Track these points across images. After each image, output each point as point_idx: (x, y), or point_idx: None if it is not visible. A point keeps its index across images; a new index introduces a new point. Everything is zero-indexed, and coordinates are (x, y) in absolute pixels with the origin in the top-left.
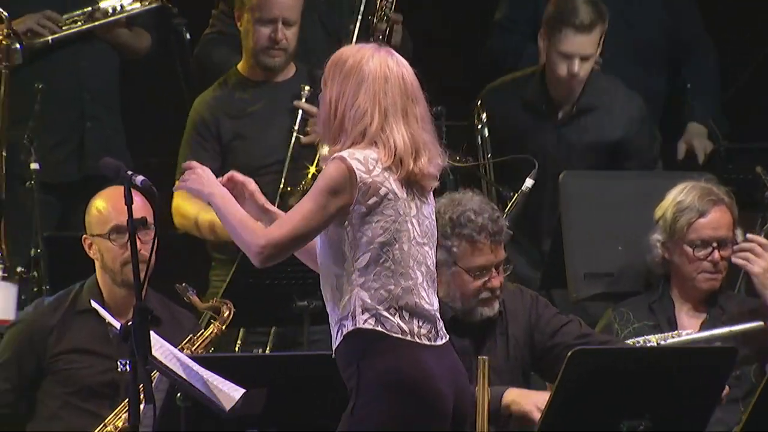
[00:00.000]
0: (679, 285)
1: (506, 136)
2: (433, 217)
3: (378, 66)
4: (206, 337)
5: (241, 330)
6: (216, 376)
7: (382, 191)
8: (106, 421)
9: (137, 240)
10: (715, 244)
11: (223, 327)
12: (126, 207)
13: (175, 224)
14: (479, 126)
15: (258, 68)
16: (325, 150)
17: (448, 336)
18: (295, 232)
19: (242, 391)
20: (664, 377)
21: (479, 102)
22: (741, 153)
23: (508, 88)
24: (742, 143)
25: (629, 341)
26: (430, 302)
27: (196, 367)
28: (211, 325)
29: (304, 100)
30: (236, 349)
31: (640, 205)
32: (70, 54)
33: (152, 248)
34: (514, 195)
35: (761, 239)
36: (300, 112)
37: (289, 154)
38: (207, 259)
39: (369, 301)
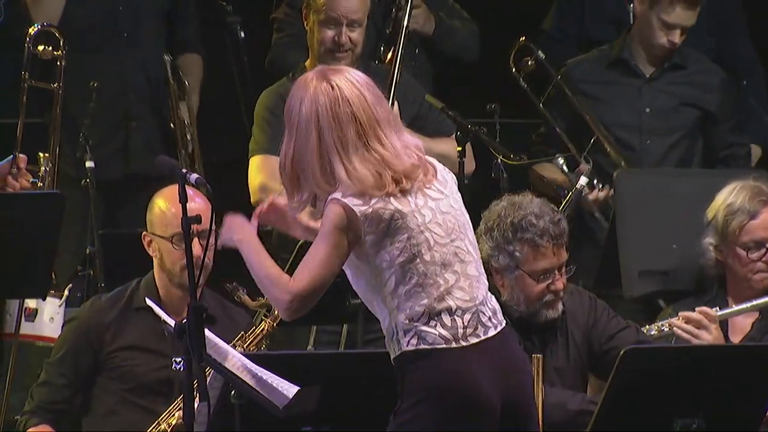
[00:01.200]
0: (733, 286)
1: (591, 104)
2: (458, 205)
3: (308, 109)
4: (257, 334)
5: (314, 329)
6: (270, 374)
7: (386, 215)
8: (159, 419)
9: (198, 244)
10: None
11: (275, 324)
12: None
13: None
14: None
15: None
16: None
17: (503, 322)
18: (317, 279)
19: (296, 388)
20: (717, 376)
21: (559, 78)
22: None
23: (589, 58)
24: None
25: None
26: (471, 296)
27: (250, 364)
28: (263, 322)
29: None
30: (308, 347)
31: (695, 203)
32: (115, 53)
33: (204, 250)
34: (568, 193)
35: (709, 311)
36: None
37: None
38: None
39: (406, 322)
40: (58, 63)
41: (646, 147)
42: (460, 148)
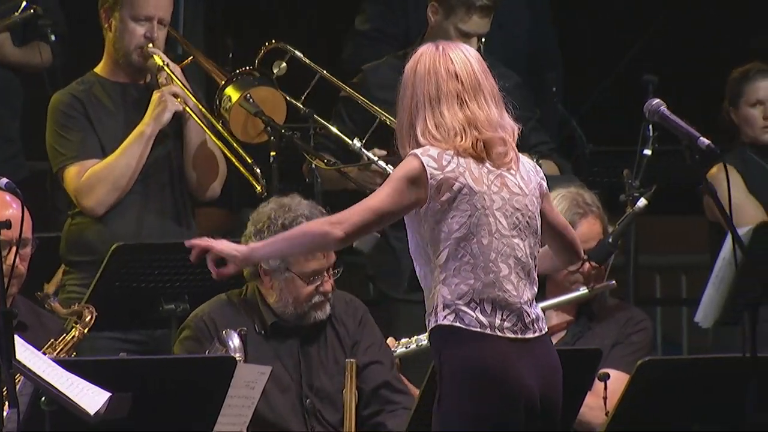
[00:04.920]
0: (553, 291)
1: (386, 110)
2: (533, 208)
3: (410, 66)
4: (68, 342)
5: None
6: (81, 380)
7: (456, 186)
8: None
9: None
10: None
11: (86, 331)
12: None
13: None
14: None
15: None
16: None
17: (544, 330)
18: (367, 212)
19: (107, 394)
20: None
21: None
22: (604, 156)
23: (385, 63)
24: (605, 146)
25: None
26: (518, 294)
27: (60, 370)
28: (73, 329)
29: None
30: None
31: None
32: None
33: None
34: None
35: None
36: None
37: None
38: (57, 262)
39: (449, 297)
40: None
41: None
42: (274, 153)
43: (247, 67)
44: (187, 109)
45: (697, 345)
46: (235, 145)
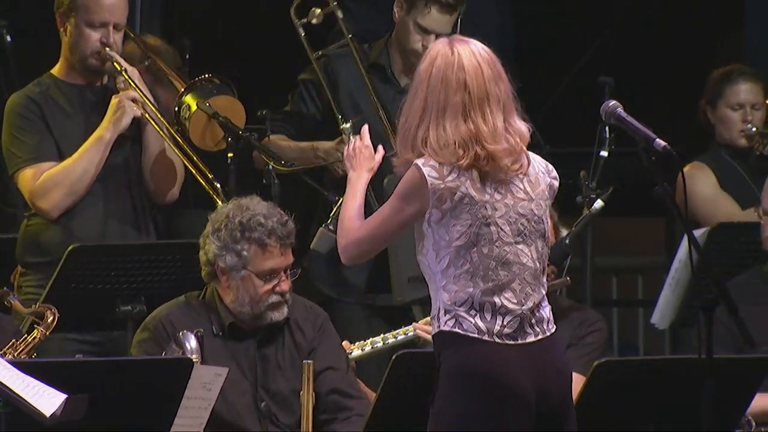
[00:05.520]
0: None
1: (349, 96)
2: (540, 211)
3: (424, 69)
4: (29, 343)
5: None
6: (37, 382)
7: (457, 196)
8: None
9: None
10: None
11: (47, 332)
12: None
13: None
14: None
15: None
16: None
17: (550, 330)
18: (372, 234)
19: (63, 396)
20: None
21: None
22: (561, 157)
23: (347, 52)
24: (562, 148)
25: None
26: (519, 301)
27: (16, 372)
28: (35, 331)
29: None
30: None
31: None
32: None
33: None
34: (339, 199)
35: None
36: None
37: None
38: (13, 262)
39: (449, 303)
40: None
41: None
42: (231, 155)
43: (207, 74)
44: (145, 114)
45: (654, 346)
46: (193, 155)
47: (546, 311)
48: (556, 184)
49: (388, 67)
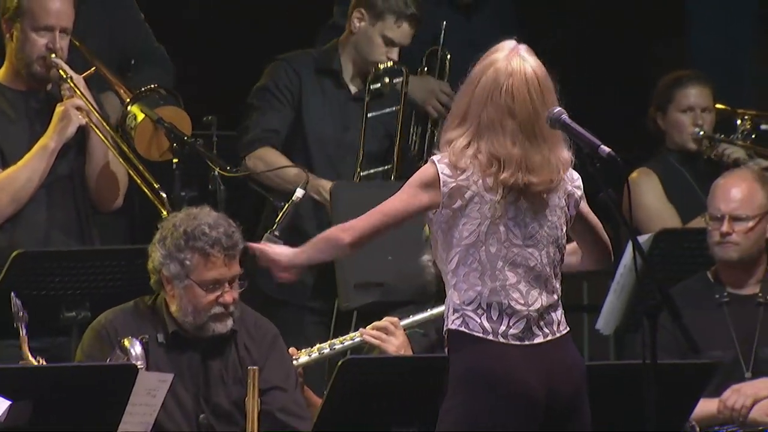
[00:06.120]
0: None
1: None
2: (554, 218)
3: (494, 74)
4: None
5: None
6: None
7: (467, 194)
8: None
9: None
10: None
11: None
12: None
13: None
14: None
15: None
16: None
17: (561, 332)
18: (377, 215)
19: (7, 403)
20: (432, 384)
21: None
22: None
23: (299, 57)
24: None
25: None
26: (526, 303)
27: None
28: None
29: None
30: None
31: None
32: None
33: None
34: (285, 205)
35: (393, 319)
36: None
37: None
38: None
39: (458, 302)
40: None
41: (345, 162)
42: (176, 161)
43: (153, 85)
44: (90, 123)
45: (598, 352)
46: (139, 165)
47: (557, 314)
48: (578, 193)
49: (340, 73)
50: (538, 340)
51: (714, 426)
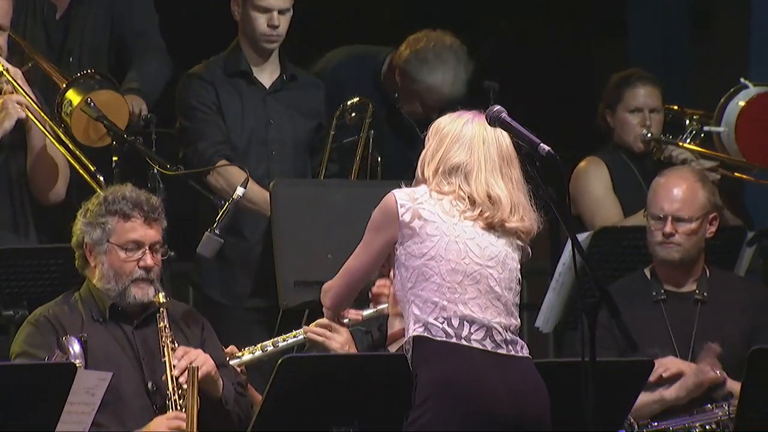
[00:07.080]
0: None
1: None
2: (511, 248)
3: (476, 129)
4: None
5: None
6: None
7: (426, 215)
8: None
9: None
10: None
11: None
12: None
13: None
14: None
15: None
16: None
17: (524, 353)
18: (349, 275)
19: None
20: (370, 382)
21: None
22: None
23: (208, 67)
24: None
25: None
26: (485, 315)
27: None
28: None
29: None
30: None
31: (350, 214)
32: None
33: None
34: (225, 203)
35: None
36: None
37: None
38: None
39: (419, 314)
40: None
41: (273, 158)
42: (116, 158)
43: (88, 70)
44: (30, 115)
45: (538, 350)
46: (77, 152)
47: (520, 340)
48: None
49: (250, 72)
50: (502, 351)
51: (651, 421)
